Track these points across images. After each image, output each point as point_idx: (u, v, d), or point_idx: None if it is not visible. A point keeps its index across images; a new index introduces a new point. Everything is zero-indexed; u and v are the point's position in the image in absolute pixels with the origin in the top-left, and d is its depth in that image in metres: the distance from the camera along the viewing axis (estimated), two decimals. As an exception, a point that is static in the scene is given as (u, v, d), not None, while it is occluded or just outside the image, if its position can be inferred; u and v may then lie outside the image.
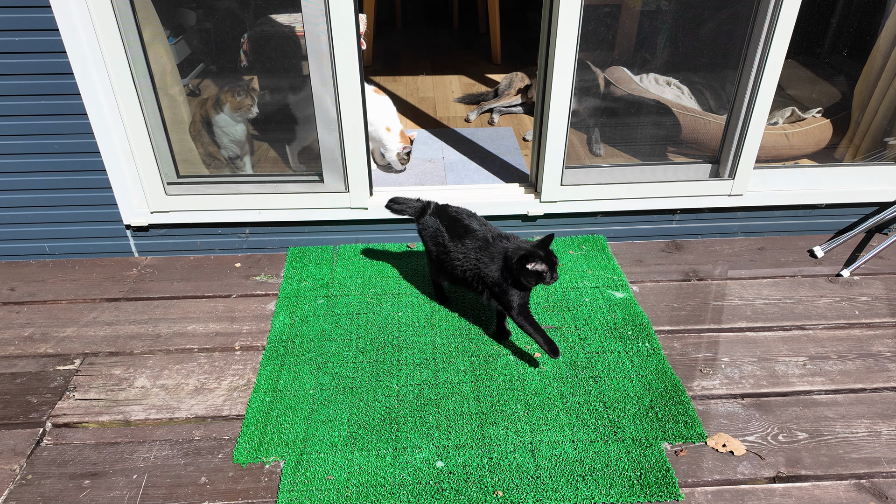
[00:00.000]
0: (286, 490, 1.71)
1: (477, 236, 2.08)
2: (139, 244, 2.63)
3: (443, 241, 2.15)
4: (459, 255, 2.10)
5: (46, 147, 2.36)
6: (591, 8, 2.26)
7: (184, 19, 2.62)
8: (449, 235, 2.13)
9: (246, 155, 2.75)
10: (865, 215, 2.72)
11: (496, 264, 2.02)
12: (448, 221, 2.16)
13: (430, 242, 2.20)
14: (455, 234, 2.12)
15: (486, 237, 2.07)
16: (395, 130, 2.96)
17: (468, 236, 2.09)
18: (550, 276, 1.94)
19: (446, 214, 2.18)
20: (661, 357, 2.13)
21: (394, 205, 2.29)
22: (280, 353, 2.15)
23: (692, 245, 2.73)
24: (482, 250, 2.05)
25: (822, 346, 2.19)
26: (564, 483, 1.72)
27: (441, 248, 2.16)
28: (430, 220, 2.20)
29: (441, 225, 2.16)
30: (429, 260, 2.30)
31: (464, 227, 2.11)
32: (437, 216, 2.19)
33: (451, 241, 2.12)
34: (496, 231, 2.11)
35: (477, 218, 2.17)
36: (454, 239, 2.11)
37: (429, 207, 2.23)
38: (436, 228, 2.17)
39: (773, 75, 2.35)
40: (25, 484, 1.74)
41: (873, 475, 1.76)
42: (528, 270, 1.92)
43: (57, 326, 2.28)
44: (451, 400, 1.98)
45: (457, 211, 2.19)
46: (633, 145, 2.87)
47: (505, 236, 2.08)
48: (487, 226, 2.13)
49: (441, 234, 2.15)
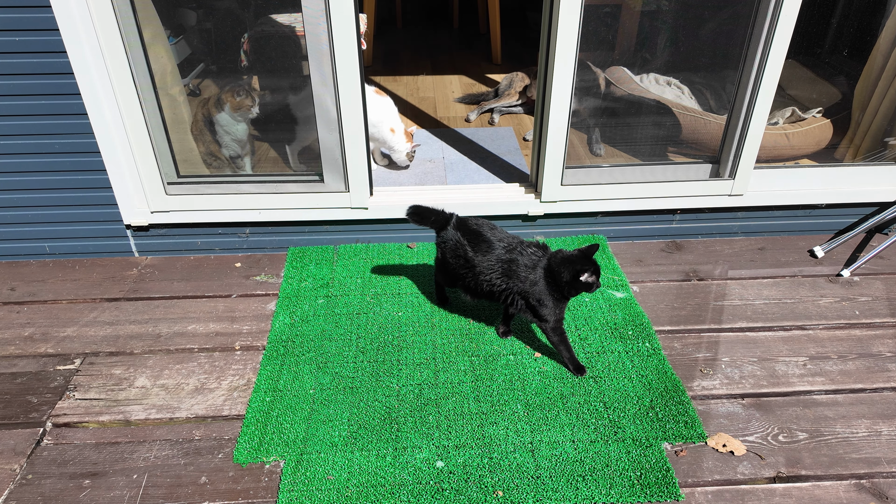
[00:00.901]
0: (286, 490, 1.71)
1: (502, 247, 2.02)
2: (139, 244, 2.63)
3: (464, 253, 2.07)
4: (485, 269, 2.03)
5: (47, 147, 2.36)
6: (592, 8, 2.26)
7: (184, 19, 2.62)
8: (472, 248, 2.06)
9: (247, 154, 2.75)
10: (866, 215, 2.72)
11: (532, 275, 1.96)
12: (469, 235, 2.08)
13: (450, 255, 2.12)
14: (478, 247, 2.05)
15: (513, 247, 2.01)
16: (399, 131, 2.97)
17: (492, 248, 2.03)
18: (596, 285, 1.93)
19: (467, 227, 2.10)
20: (662, 357, 2.13)
21: (415, 215, 2.18)
22: (280, 352, 2.15)
23: (692, 245, 2.73)
24: (512, 262, 1.99)
25: (822, 347, 2.19)
26: (564, 483, 1.72)
27: (463, 261, 2.08)
28: (452, 232, 2.12)
29: (463, 238, 2.08)
30: (437, 266, 2.25)
31: (486, 240, 2.05)
32: (459, 229, 2.11)
33: (474, 254, 2.05)
34: (519, 239, 2.05)
35: (498, 229, 2.11)
36: (478, 252, 2.05)
37: (451, 220, 2.14)
38: (457, 241, 2.09)
39: (774, 75, 2.35)
40: (26, 484, 1.74)
41: (873, 475, 1.76)
42: (581, 283, 1.89)
43: (57, 326, 2.29)
44: (452, 400, 1.98)
45: (477, 223, 2.11)
46: (633, 145, 2.87)
47: (531, 244, 2.03)
48: (510, 236, 2.08)
49: (463, 247, 2.08)
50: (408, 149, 2.99)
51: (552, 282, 1.94)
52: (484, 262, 2.03)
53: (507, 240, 2.04)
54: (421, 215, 2.18)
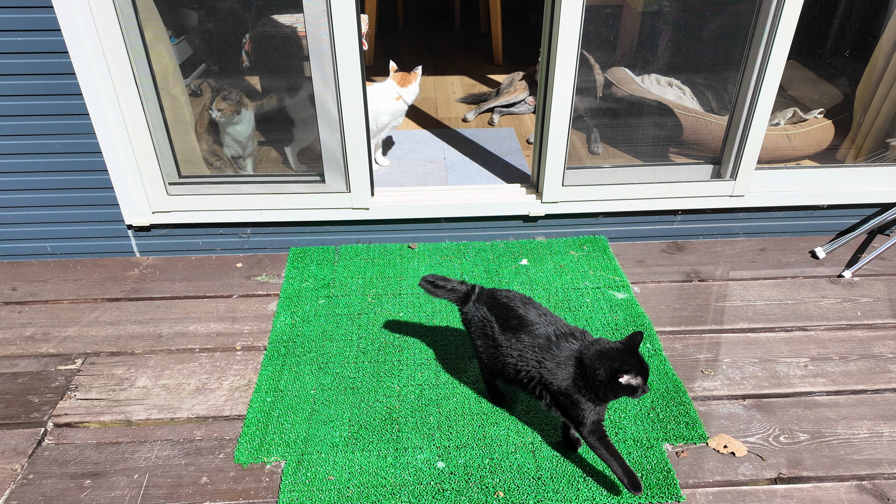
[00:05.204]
0: (287, 490, 1.71)
1: (537, 332, 1.70)
2: (141, 244, 2.63)
3: (492, 333, 1.77)
4: (513, 353, 1.72)
5: (48, 147, 2.36)
6: (593, 8, 2.26)
7: (186, 19, 2.62)
8: (500, 327, 1.75)
9: (249, 155, 2.75)
10: (867, 216, 2.71)
11: (565, 370, 1.63)
12: (498, 310, 1.78)
13: (477, 334, 1.83)
14: (507, 325, 1.74)
15: (549, 334, 1.69)
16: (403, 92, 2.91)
17: (524, 330, 1.71)
18: (642, 390, 1.56)
19: (496, 301, 1.81)
20: (663, 358, 2.13)
21: (430, 287, 1.91)
22: (281, 353, 2.15)
23: (693, 246, 2.72)
24: (545, 350, 1.67)
25: (823, 347, 2.19)
26: (566, 484, 1.72)
27: (490, 341, 1.78)
28: (475, 307, 1.83)
29: (490, 314, 1.79)
30: (476, 352, 1.89)
31: (518, 319, 1.74)
32: (484, 304, 1.82)
33: (502, 334, 1.74)
34: (561, 324, 1.72)
35: (534, 305, 1.78)
36: (507, 332, 1.74)
37: (473, 293, 1.86)
38: (483, 318, 1.80)
39: (775, 76, 2.35)
40: (27, 483, 1.74)
41: (875, 476, 1.76)
42: (620, 385, 1.54)
43: (58, 326, 2.29)
44: (453, 400, 1.98)
45: (508, 296, 1.81)
46: (634, 146, 2.87)
47: (572, 332, 1.69)
48: (548, 316, 1.75)
49: (490, 324, 1.78)
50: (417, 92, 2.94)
51: (585, 380, 1.60)
52: (514, 346, 1.72)
53: (544, 321, 1.73)
54: (436, 286, 1.91)
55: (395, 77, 2.93)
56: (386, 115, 2.89)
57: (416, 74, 2.95)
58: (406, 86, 2.91)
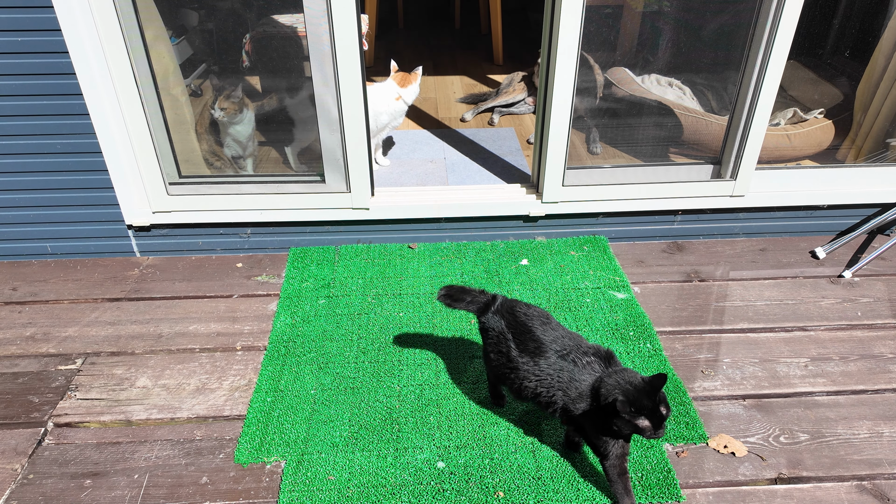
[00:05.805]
0: (287, 490, 1.71)
1: (557, 355, 1.60)
2: (141, 244, 2.63)
3: (507, 351, 1.68)
4: (531, 377, 1.62)
5: (48, 147, 2.36)
6: (593, 9, 2.26)
7: (186, 20, 2.62)
8: (517, 347, 1.66)
9: (250, 155, 2.75)
10: (867, 216, 2.71)
11: (586, 401, 1.55)
12: (515, 327, 1.69)
13: (492, 348, 1.74)
14: (525, 346, 1.65)
15: (572, 357, 1.58)
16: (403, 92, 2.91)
17: (543, 353, 1.62)
18: (653, 433, 1.46)
19: (513, 317, 1.71)
20: (663, 358, 2.13)
21: (449, 301, 1.82)
22: (281, 353, 2.15)
23: (694, 246, 2.72)
24: (566, 372, 1.57)
25: (823, 348, 2.19)
26: (566, 484, 1.72)
27: (505, 358, 1.69)
28: (494, 319, 1.74)
29: (506, 329, 1.70)
30: (485, 358, 1.84)
31: (536, 341, 1.64)
32: (503, 316, 1.73)
33: (519, 355, 1.65)
34: (584, 345, 1.62)
35: (551, 325, 1.68)
36: (524, 353, 1.64)
37: (493, 303, 1.77)
38: (500, 332, 1.71)
39: (775, 76, 2.35)
40: (27, 483, 1.74)
41: (875, 476, 1.76)
42: (625, 420, 1.46)
43: (59, 326, 2.29)
44: (453, 400, 1.98)
45: (527, 314, 1.71)
46: (634, 146, 2.87)
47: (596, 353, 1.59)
48: (569, 336, 1.65)
49: (506, 341, 1.69)
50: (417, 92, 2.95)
51: (599, 409, 1.51)
52: (532, 369, 1.63)
53: (563, 342, 1.63)
54: (454, 298, 1.82)
55: (395, 77, 2.93)
56: (386, 115, 2.89)
57: (417, 75, 2.95)
58: (406, 86, 2.91)
